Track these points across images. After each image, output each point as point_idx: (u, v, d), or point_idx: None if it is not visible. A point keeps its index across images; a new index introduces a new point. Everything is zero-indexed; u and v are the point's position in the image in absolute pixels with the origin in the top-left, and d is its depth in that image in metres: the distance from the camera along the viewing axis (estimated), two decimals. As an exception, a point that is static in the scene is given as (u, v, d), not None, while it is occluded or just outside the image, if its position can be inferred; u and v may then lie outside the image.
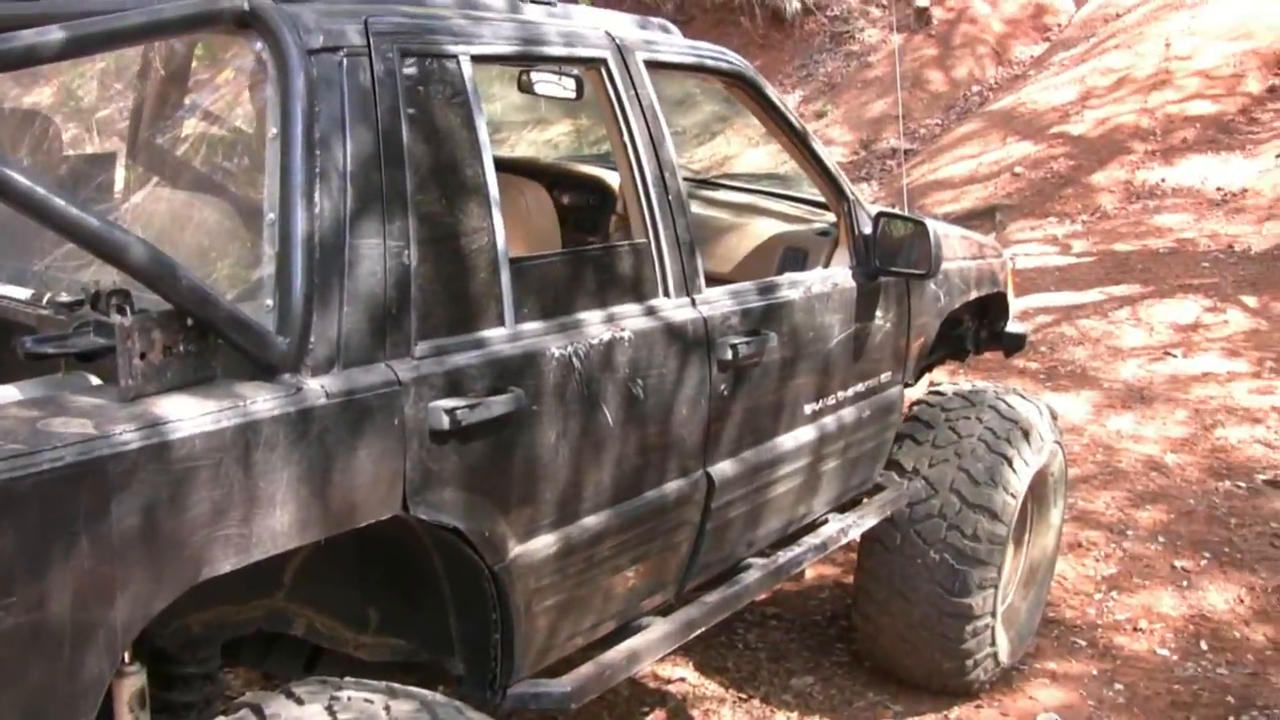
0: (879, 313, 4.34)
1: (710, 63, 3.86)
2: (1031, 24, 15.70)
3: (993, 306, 5.39)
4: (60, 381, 2.36)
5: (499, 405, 2.78)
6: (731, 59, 3.93)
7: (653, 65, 3.54)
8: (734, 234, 4.97)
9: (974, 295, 5.06)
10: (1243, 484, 6.58)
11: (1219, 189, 11.12)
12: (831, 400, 4.15)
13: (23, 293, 2.75)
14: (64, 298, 2.60)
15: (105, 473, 2.06)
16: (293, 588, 2.80)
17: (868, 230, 4.28)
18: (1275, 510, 6.31)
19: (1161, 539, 6.09)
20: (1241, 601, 5.61)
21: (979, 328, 5.46)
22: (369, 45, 2.68)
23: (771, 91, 4.07)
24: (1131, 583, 5.77)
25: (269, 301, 2.46)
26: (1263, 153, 11.50)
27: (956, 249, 4.88)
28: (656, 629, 3.54)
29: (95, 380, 2.35)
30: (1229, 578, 5.78)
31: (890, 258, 4.22)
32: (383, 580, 2.99)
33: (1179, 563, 5.91)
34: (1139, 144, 11.96)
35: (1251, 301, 8.85)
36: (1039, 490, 5.16)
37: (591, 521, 3.16)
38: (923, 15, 15.62)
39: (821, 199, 4.61)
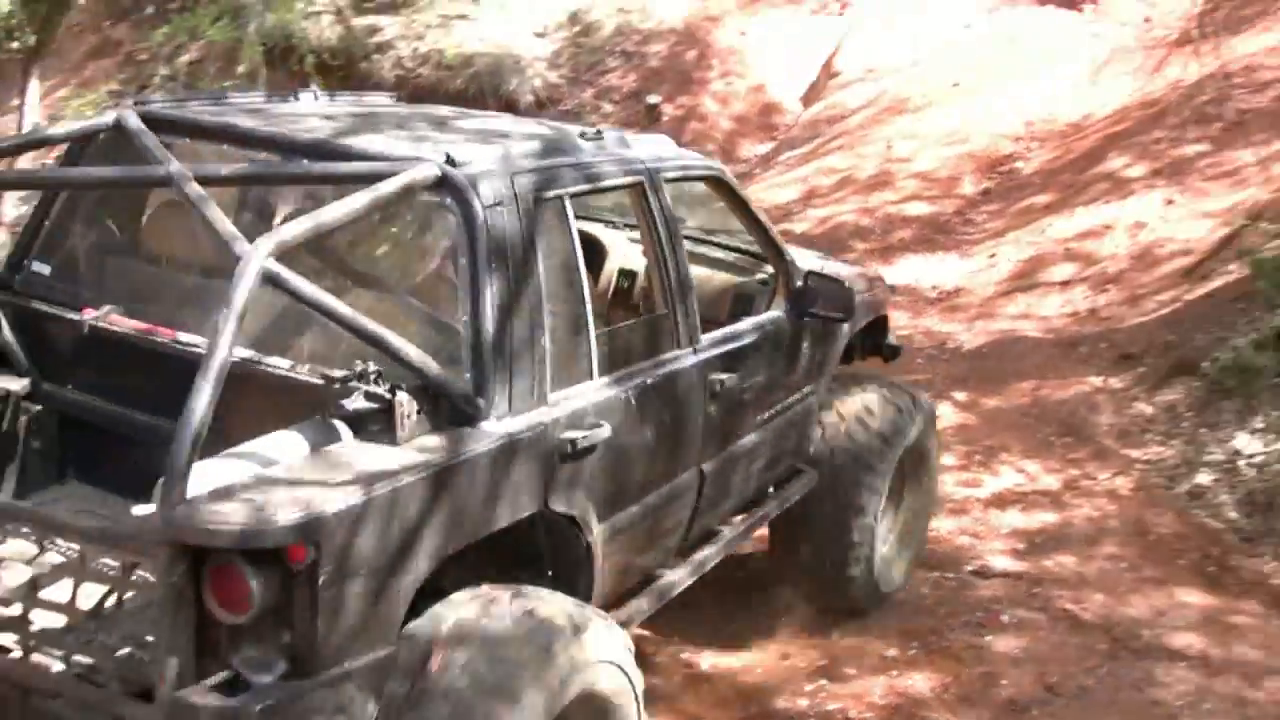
0: (805, 344, 5.68)
1: (703, 171, 5.29)
2: (759, 123, 16.03)
3: (876, 325, 6.62)
4: (319, 426, 3.55)
5: (598, 434, 4.13)
6: (715, 165, 5.46)
7: (668, 180, 4.82)
8: (703, 281, 5.91)
9: (867, 320, 6.36)
10: (951, 574, 6.72)
11: (934, 287, 11.45)
12: (774, 410, 5.52)
13: (283, 362, 3.99)
14: (336, 373, 3.71)
15: (417, 490, 3.44)
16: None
17: (799, 283, 5.51)
18: (980, 599, 6.46)
19: (872, 629, 6.15)
20: (947, 689, 5.69)
21: (864, 342, 6.62)
22: (515, 196, 3.97)
23: (739, 186, 5.46)
24: (842, 672, 5.81)
25: (467, 375, 3.77)
26: (976, 253, 11.91)
27: (858, 286, 5.96)
28: (669, 577, 4.93)
29: (343, 426, 3.56)
30: (936, 666, 5.87)
31: (815, 304, 5.47)
32: (498, 545, 3.92)
33: (889, 652, 5.98)
34: (859, 242, 12.24)
35: (961, 396, 9.10)
36: (913, 463, 6.42)
37: (639, 504, 4.54)
38: (653, 111, 15.81)
39: (753, 249, 5.92)
